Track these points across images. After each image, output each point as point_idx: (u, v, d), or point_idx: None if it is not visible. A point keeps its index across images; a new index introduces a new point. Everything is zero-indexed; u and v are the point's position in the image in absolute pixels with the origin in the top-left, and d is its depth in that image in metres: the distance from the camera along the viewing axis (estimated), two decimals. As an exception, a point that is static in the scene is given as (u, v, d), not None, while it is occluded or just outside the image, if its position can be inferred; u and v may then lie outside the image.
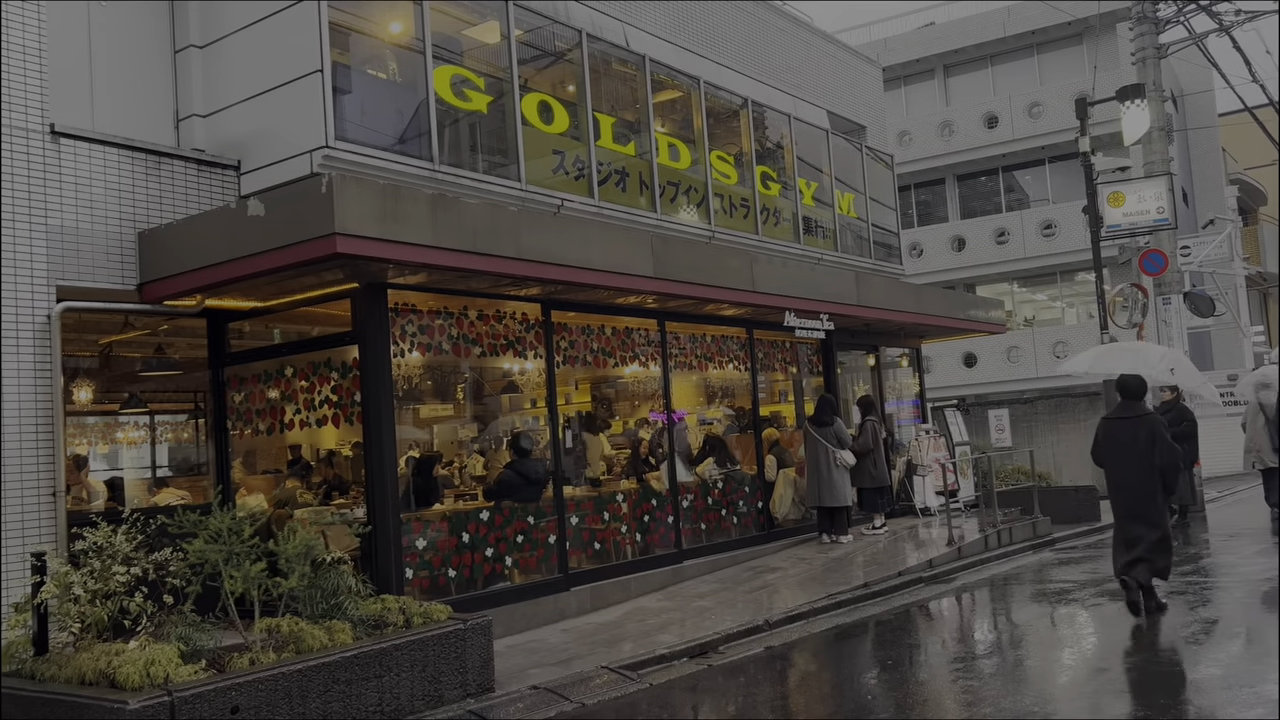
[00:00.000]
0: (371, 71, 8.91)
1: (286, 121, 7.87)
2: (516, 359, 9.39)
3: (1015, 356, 25.59)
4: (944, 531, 11.59)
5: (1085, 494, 14.47)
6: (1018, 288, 27.84)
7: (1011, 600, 9.53)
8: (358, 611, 6.36)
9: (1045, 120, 25.54)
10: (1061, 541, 12.67)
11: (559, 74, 10.37)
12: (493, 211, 7.88)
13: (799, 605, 8.74)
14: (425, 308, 8.27)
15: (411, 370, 8.76)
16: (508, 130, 9.32)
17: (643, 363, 10.80)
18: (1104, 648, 7.44)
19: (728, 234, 11.70)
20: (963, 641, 8.08)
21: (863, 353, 14.70)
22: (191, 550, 5.97)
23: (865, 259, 14.53)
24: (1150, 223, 15.24)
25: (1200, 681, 6.06)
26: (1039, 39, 26.87)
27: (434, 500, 8.95)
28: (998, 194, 27.68)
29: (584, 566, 9.49)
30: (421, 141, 8.42)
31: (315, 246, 6.55)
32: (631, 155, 10.71)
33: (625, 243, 9.23)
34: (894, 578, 9.83)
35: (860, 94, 16.43)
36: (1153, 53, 15.78)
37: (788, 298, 11.27)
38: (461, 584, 8.27)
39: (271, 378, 8.44)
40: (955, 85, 28.38)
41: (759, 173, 12.60)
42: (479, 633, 6.51)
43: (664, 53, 11.43)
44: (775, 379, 13.47)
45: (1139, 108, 15.22)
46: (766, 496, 12.09)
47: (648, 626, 8.35)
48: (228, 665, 5.53)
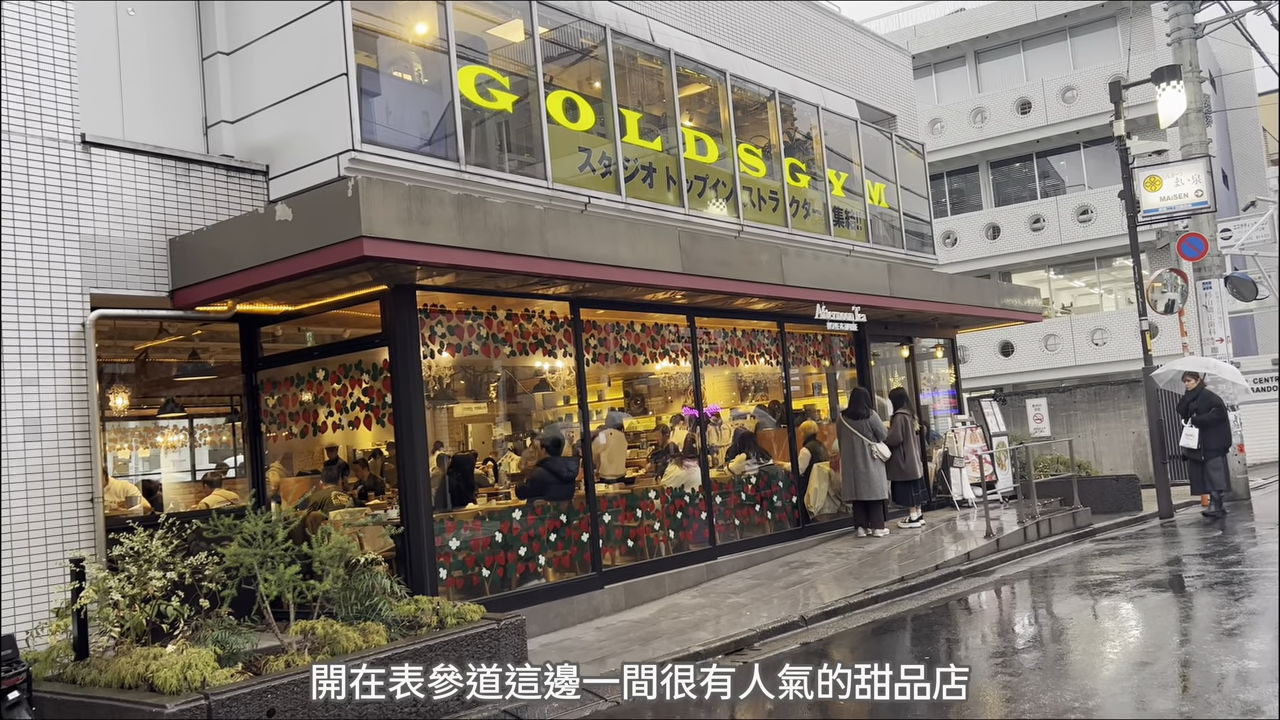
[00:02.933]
0: (396, 73, 8.94)
1: (313, 125, 7.91)
2: (546, 358, 9.40)
3: (1053, 345, 25.27)
4: (981, 524, 11.45)
5: (1126, 483, 14.25)
6: (1054, 275, 27.48)
7: (1052, 593, 9.40)
8: (392, 613, 6.39)
9: (1079, 104, 25.18)
10: (1102, 532, 12.48)
11: (584, 71, 10.35)
12: (519, 211, 7.87)
13: (835, 601, 8.67)
14: (454, 308, 8.29)
15: (442, 371, 8.78)
16: (533, 129, 9.31)
17: (673, 359, 10.76)
18: (1147, 640, 7.32)
19: (757, 227, 11.62)
20: (1002, 635, 7.97)
21: (896, 344, 14.56)
22: (227, 554, 6.02)
23: (897, 249, 14.39)
24: (1189, 206, 14.96)
25: (1246, 674, 5.94)
26: (1071, 22, 26.49)
27: (468, 500, 8.98)
28: (1032, 180, 27.34)
29: (617, 564, 9.48)
30: (447, 142, 8.43)
31: (342, 250, 6.58)
32: (658, 150, 10.67)
33: (653, 239, 9.19)
34: (931, 571, 9.72)
35: (889, 82, 16.27)
36: (1189, 32, 15.47)
37: (818, 290, 11.17)
38: (495, 583, 8.29)
39: (304, 380, 8.50)
40: (986, 71, 28.05)
41: (788, 165, 12.50)
42: (512, 632, 6.51)
43: (689, 46, 11.37)
44: (808, 372, 13.37)
45: (1175, 89, 14.93)
46: (801, 491, 12.02)
47: (682, 624, 8.32)
48: (264, 668, 5.57)
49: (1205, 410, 12.89)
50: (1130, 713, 5.41)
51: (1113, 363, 23.59)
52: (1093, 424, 18.45)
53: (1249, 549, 10.62)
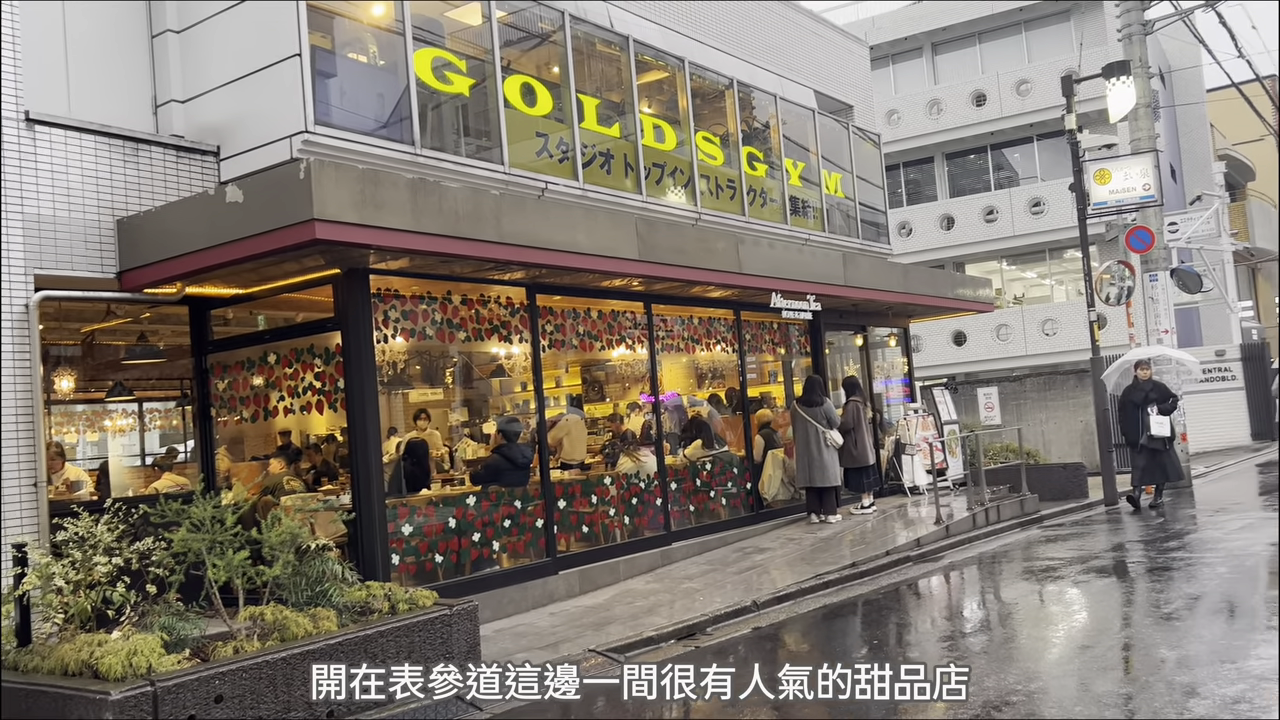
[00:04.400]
0: (351, 55, 8.84)
1: (266, 106, 7.80)
2: (502, 343, 9.37)
3: (1005, 334, 25.64)
4: (932, 510, 11.62)
5: (1073, 471, 14.51)
6: (1007, 266, 27.86)
7: (999, 578, 9.56)
8: (343, 598, 6.35)
9: (1033, 98, 25.49)
10: (1049, 519, 12.71)
11: (542, 56, 10.29)
12: (475, 195, 7.83)
13: (787, 586, 8.76)
14: (408, 293, 8.23)
15: (396, 355, 8.73)
16: (490, 113, 9.25)
17: (630, 345, 10.78)
18: (1090, 624, 7.48)
19: (714, 215, 11.66)
20: (950, 620, 8.11)
21: (851, 333, 14.69)
22: (175, 539, 5.95)
23: (853, 239, 14.50)
24: (1137, 200, 15.22)
25: (1185, 658, 6.09)
26: (1026, 16, 26.79)
27: (422, 486, 8.94)
28: (986, 172, 27.65)
29: (572, 550, 9.50)
30: (403, 125, 8.36)
31: (294, 233, 6.51)
32: (616, 137, 10.65)
33: (610, 226, 9.19)
34: (882, 557, 9.85)
35: (847, 73, 16.36)
36: (1139, 29, 15.72)
37: (775, 279, 11.24)
38: (449, 569, 8.27)
39: (255, 364, 8.40)
40: (943, 64, 28.29)
41: (745, 153, 12.54)
42: (465, 618, 6.50)
43: (649, 33, 11.36)
44: (764, 360, 13.47)
45: (1124, 84, 15.18)
46: (755, 478, 12.11)
47: (636, 609, 8.36)
48: (211, 654, 5.51)
49: (1166, 398, 13.12)
50: (1073, 695, 5.53)
51: (1063, 352, 23.97)
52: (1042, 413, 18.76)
53: (1190, 535, 10.87)
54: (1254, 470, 17.61)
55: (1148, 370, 13.36)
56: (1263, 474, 16.98)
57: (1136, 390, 13.21)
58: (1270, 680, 5.33)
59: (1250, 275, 36.19)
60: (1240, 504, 13.24)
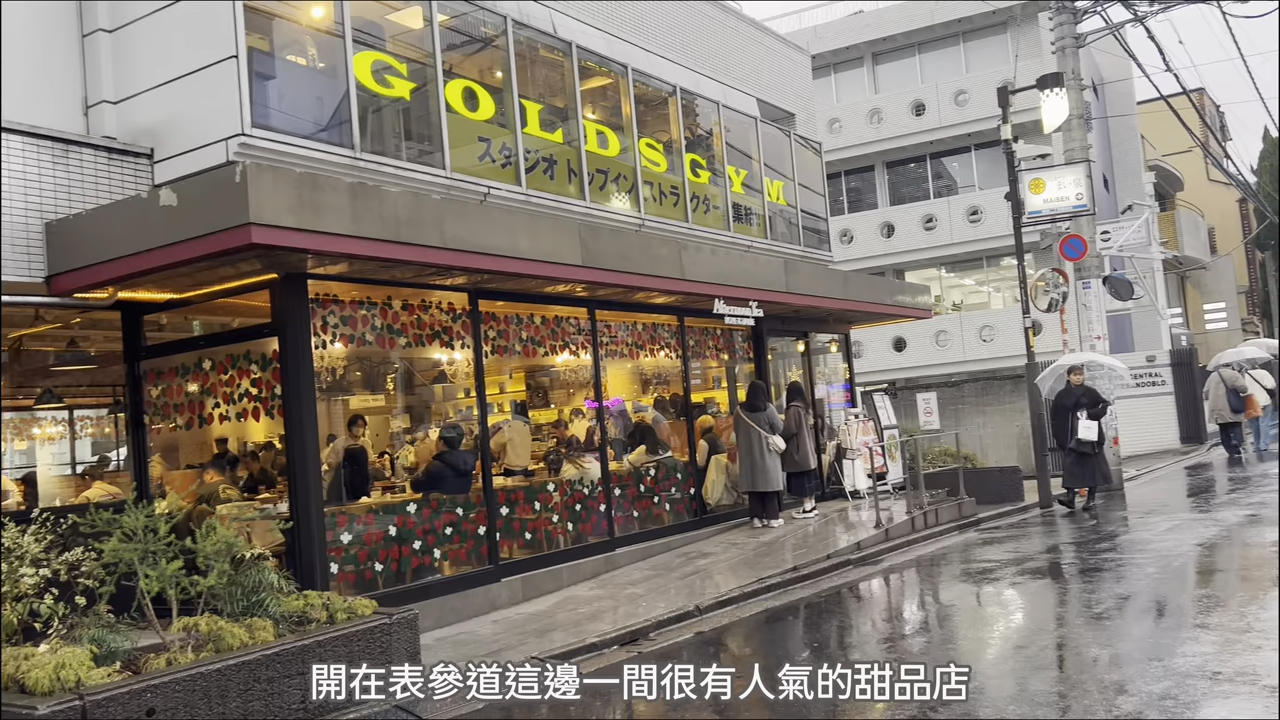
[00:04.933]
0: (290, 57, 8.72)
1: (201, 108, 7.67)
2: (444, 349, 9.31)
3: (943, 340, 26.05)
4: (872, 514, 11.76)
5: (1009, 474, 14.78)
6: (945, 273, 28.30)
7: (938, 580, 9.71)
8: (280, 608, 6.24)
9: (971, 108, 25.95)
10: (986, 522, 12.93)
11: (485, 60, 10.26)
12: (415, 200, 7.77)
13: (730, 590, 8.80)
14: (347, 298, 8.14)
15: (335, 362, 8.63)
16: (432, 117, 9.19)
17: (573, 351, 10.76)
18: (1026, 625, 7.62)
19: (658, 222, 11.70)
20: (890, 622, 8.21)
21: (793, 339, 14.82)
22: (106, 550, 5.81)
23: (795, 246, 14.64)
24: (1070, 209, 15.56)
25: (1116, 656, 6.24)
26: (965, 27, 27.27)
27: (362, 493, 8.84)
28: (926, 180, 28.08)
29: (515, 557, 9.45)
30: (342, 129, 8.27)
31: (230, 237, 6.41)
32: (559, 143, 10.64)
33: (553, 231, 9.18)
34: (823, 561, 9.94)
35: (789, 82, 16.52)
36: (1071, 42, 16.09)
37: (717, 285, 11.31)
38: (389, 578, 8.18)
39: (190, 371, 8.24)
40: (884, 73, 28.69)
41: (688, 160, 12.61)
42: (405, 626, 6.44)
43: (592, 40, 11.37)
44: (708, 365, 13.53)
45: (1058, 96, 15.52)
46: (699, 483, 12.16)
47: (579, 615, 8.34)
48: (143, 666, 5.39)
49: (1096, 404, 13.41)
50: (1009, 694, 5.63)
51: (1000, 358, 24.41)
52: (980, 417, 19.09)
53: (1121, 537, 11.13)
54: (1183, 473, 18.09)
55: (1080, 375, 13.65)
56: (1191, 476, 17.46)
57: (1068, 395, 13.50)
58: (1195, 677, 5.48)
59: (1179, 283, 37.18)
60: (1169, 506, 13.60)
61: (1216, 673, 5.55)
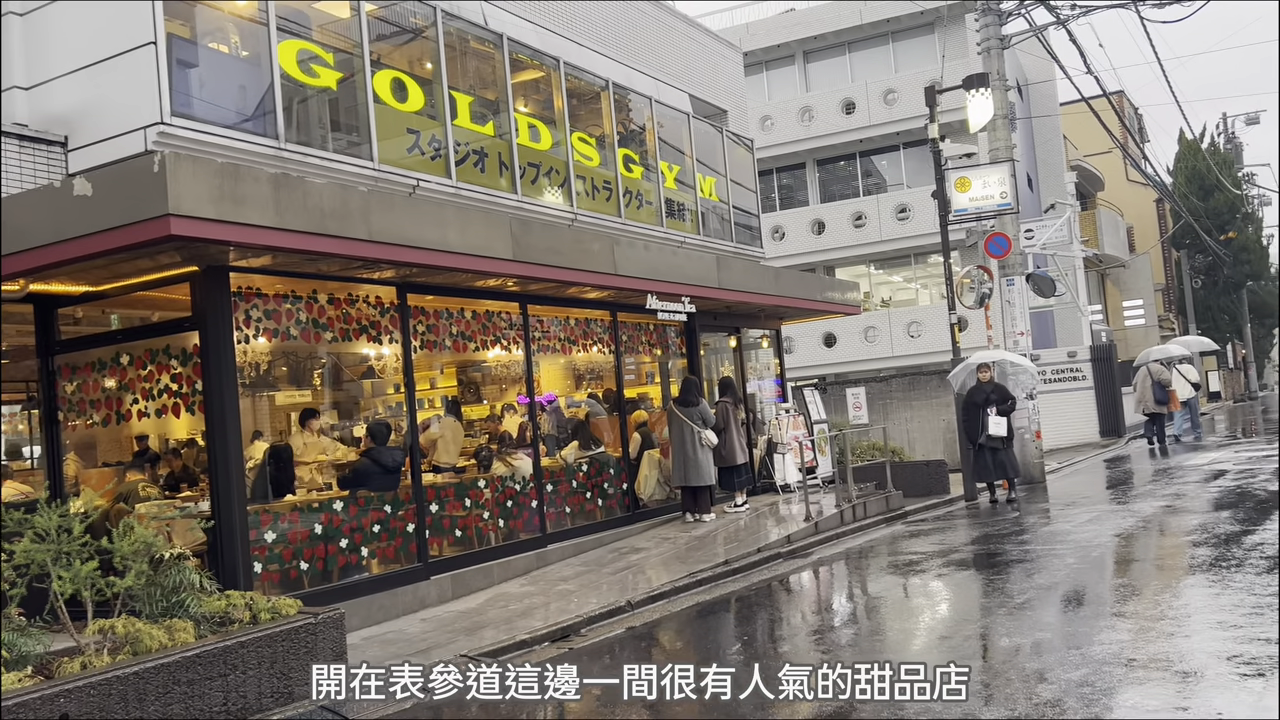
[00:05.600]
0: (213, 45, 8.51)
1: (119, 96, 7.46)
2: (372, 344, 9.17)
3: (872, 336, 26.44)
4: (803, 508, 11.88)
5: (935, 468, 15.04)
6: (875, 270, 28.73)
7: (865, 572, 9.84)
8: (201, 609, 6.09)
9: (900, 107, 26.36)
10: (913, 514, 13.14)
11: (415, 51, 10.12)
12: (341, 192, 7.64)
13: (661, 585, 8.82)
14: (271, 291, 7.97)
15: (258, 357, 8.44)
16: (359, 108, 9.05)
17: (505, 346, 10.69)
18: (951, 615, 7.76)
19: (591, 216, 11.67)
20: (819, 613, 8.30)
21: (725, 334, 14.91)
22: (17, 551, 5.62)
23: (727, 242, 14.72)
24: (994, 207, 15.89)
25: (1037, 644, 6.38)
26: (894, 27, 27.68)
27: (287, 491, 8.66)
28: (856, 178, 28.46)
29: (445, 554, 9.36)
30: (266, 119, 8.10)
31: (147, 228, 6.23)
32: (490, 135, 10.55)
33: (483, 225, 9.09)
34: (754, 554, 10.02)
35: (722, 79, 16.60)
36: (997, 43, 16.42)
37: (650, 281, 11.32)
38: (315, 577, 8.04)
39: (107, 366, 8.01)
40: (815, 71, 29.00)
41: (621, 155, 12.59)
42: (331, 626, 6.33)
43: (524, 32, 11.29)
44: (641, 361, 13.55)
45: (983, 96, 15.83)
46: (631, 478, 12.16)
47: (510, 612, 8.29)
48: (56, 671, 5.22)
49: (1005, 400, 13.70)
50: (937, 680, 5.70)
51: (927, 354, 24.86)
52: (907, 411, 19.40)
53: (1042, 529, 11.40)
54: (1102, 465, 18.62)
55: (989, 372, 13.91)
56: (1110, 469, 17.97)
57: (979, 392, 13.74)
58: (1111, 664, 5.63)
59: (1100, 280, 38.22)
60: (1089, 498, 13.97)
61: (1131, 660, 5.71)
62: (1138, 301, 39.73)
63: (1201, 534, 9.75)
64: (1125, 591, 7.95)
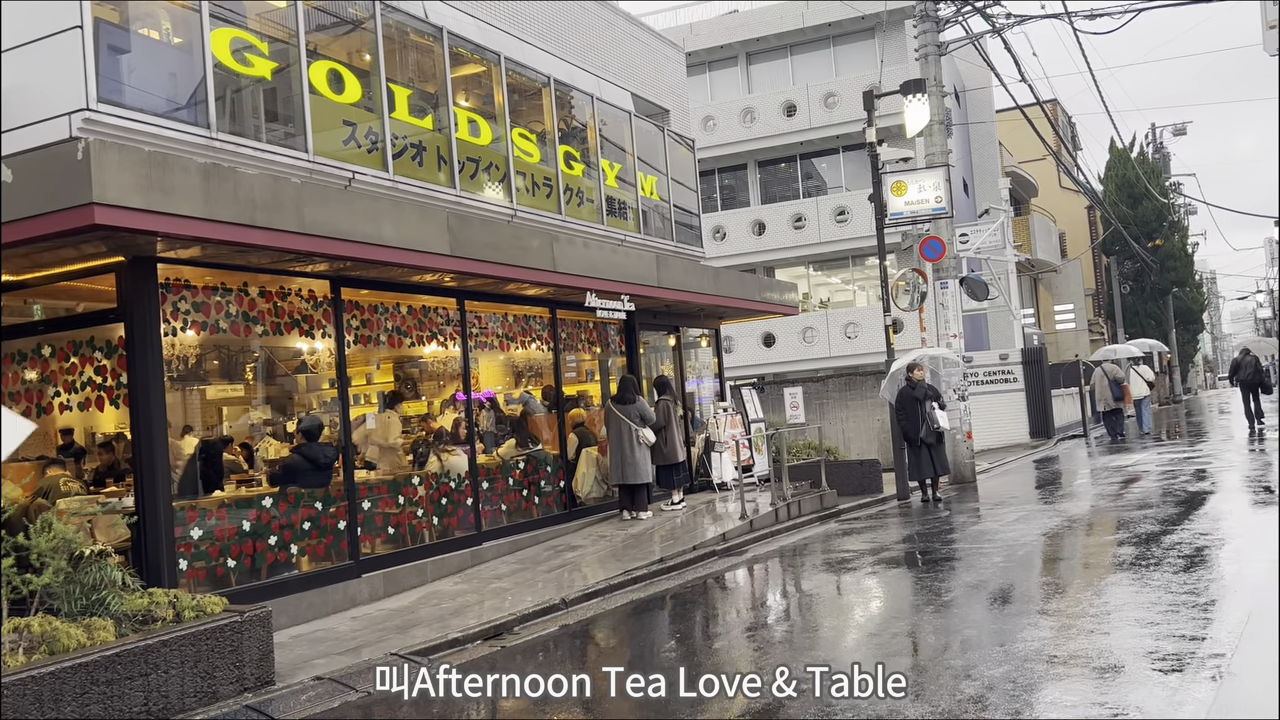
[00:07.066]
0: (143, 31, 8.30)
1: (42, 80, 7.23)
2: (304, 338, 9.03)
3: (810, 337, 26.71)
4: (739, 506, 11.96)
5: (869, 467, 15.24)
6: (814, 271, 29.02)
7: (799, 570, 9.94)
8: (122, 607, 5.95)
9: (840, 110, 26.65)
10: (847, 513, 13.30)
11: (352, 43, 9.98)
12: (274, 183, 7.51)
13: (597, 582, 8.82)
14: (200, 283, 7.81)
15: (187, 350, 8.26)
16: (294, 99, 8.89)
17: (442, 342, 10.60)
18: (882, 612, 7.87)
19: (530, 213, 11.61)
20: (754, 610, 8.37)
21: (665, 333, 14.95)
22: (-73, 548, 5.44)
23: (668, 241, 14.76)
24: (929, 211, 16.14)
25: (964, 641, 6.50)
26: (835, 31, 27.99)
27: (216, 487, 8.50)
28: (796, 180, 28.73)
29: (377, 552, 9.26)
30: (198, 108, 7.92)
31: (70, 217, 6.08)
32: (429, 129, 10.45)
33: (420, 219, 9.01)
34: (689, 552, 10.06)
35: (664, 78, 16.64)
36: (934, 50, 16.68)
37: (589, 278, 11.30)
38: (243, 574, 7.90)
39: (28, 357, 7.79)
40: (757, 73, 29.20)
41: (562, 152, 12.56)
42: (257, 624, 6.23)
43: (465, 26, 11.20)
44: (580, 359, 13.52)
45: (920, 102, 16.08)
46: (569, 476, 12.14)
47: (443, 610, 8.23)
48: (-32, 671, 5.06)
49: (938, 397, 13.93)
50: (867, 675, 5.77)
51: (864, 355, 25.19)
52: (843, 411, 19.64)
53: (972, 528, 11.62)
54: (1031, 466, 19.02)
55: (922, 371, 14.11)
56: (1039, 470, 18.36)
57: (917, 389, 13.90)
58: (1033, 660, 5.76)
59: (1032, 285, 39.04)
60: (1017, 498, 14.26)
61: (1053, 656, 5.84)
62: (1069, 306, 40.66)
63: (1124, 533, 10.01)
64: (1049, 589, 8.13)
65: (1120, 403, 22.91)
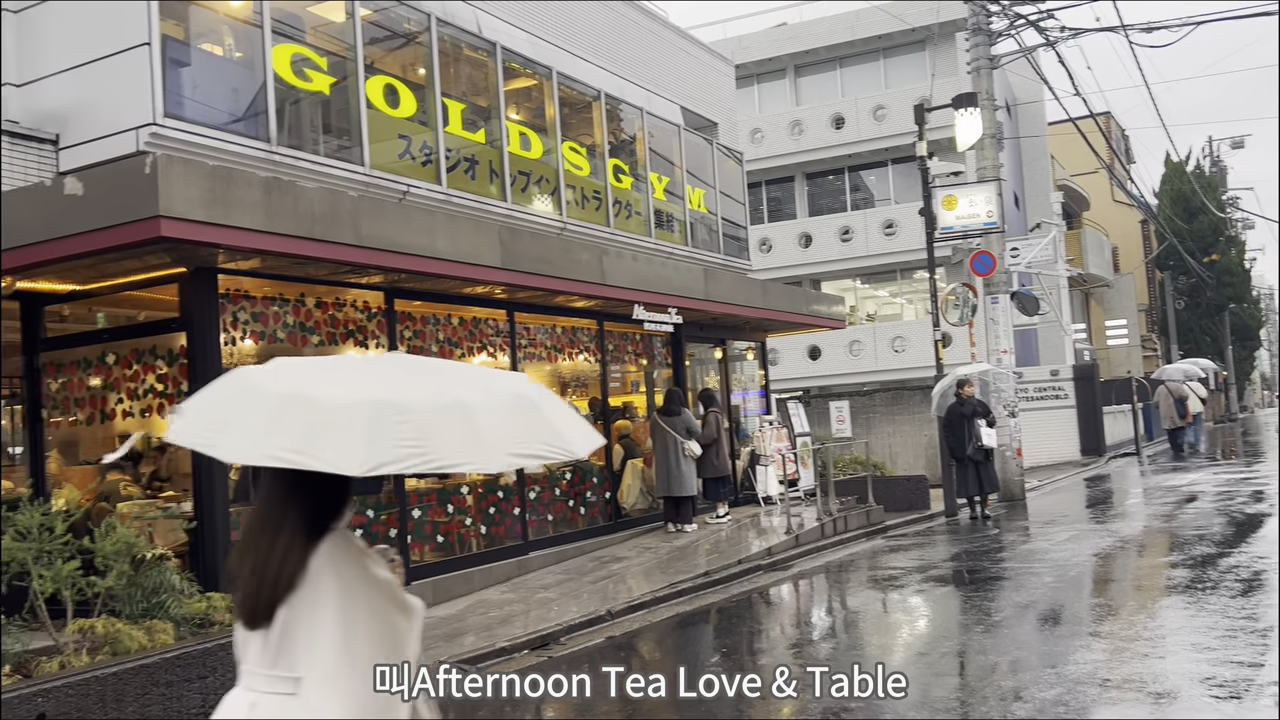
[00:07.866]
0: (206, 46, 8.53)
1: (111, 95, 7.46)
2: (358, 348, 9.17)
3: (857, 350, 26.54)
4: (784, 520, 11.93)
5: (916, 483, 15.11)
6: (860, 284, 28.85)
7: (845, 587, 9.89)
8: (181, 610, 6.10)
9: (889, 123, 26.50)
10: (893, 529, 13.21)
11: (407, 57, 10.16)
12: (331, 197, 7.66)
13: (642, 594, 8.85)
14: (259, 294, 7.98)
15: (244, 359, 8.41)
16: (351, 112, 9.08)
17: (491, 353, 10.71)
18: (929, 631, 7.82)
19: (580, 225, 11.71)
20: (798, 627, 8.35)
21: (711, 345, 14.97)
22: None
23: (715, 254, 14.78)
24: (980, 226, 16.01)
25: (1014, 663, 6.44)
26: (885, 44, 27.85)
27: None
28: (844, 193, 28.60)
29: (426, 560, 9.36)
30: (258, 121, 8.12)
31: (138, 229, 6.25)
32: (481, 143, 10.59)
33: (472, 232, 9.12)
34: (734, 566, 10.05)
35: (713, 91, 16.68)
36: (986, 63, 16.55)
37: (637, 291, 11.36)
38: (297, 579, 8.01)
39: (92, 364, 8.00)
40: (805, 85, 29.14)
41: (611, 165, 12.65)
42: (312, 630, 6.32)
43: (517, 41, 11.33)
44: (626, 370, 13.57)
45: (972, 115, 15.96)
46: (614, 487, 12.19)
47: (490, 619, 8.31)
48: (35, 670, 5.23)
49: (988, 414, 13.79)
50: (911, 700, 5.75)
51: (911, 369, 24.97)
52: (890, 426, 19.49)
53: (1021, 546, 11.48)
54: (1082, 484, 18.74)
55: (971, 388, 13.98)
56: (1090, 488, 18.09)
57: (965, 405, 13.78)
58: (1086, 683, 5.69)
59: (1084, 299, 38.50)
60: (1068, 516, 14.07)
61: (1106, 680, 5.77)
62: (1121, 321, 40.02)
63: (1178, 555, 9.85)
64: (1102, 611, 8.02)
65: (1184, 420, 23.73)
